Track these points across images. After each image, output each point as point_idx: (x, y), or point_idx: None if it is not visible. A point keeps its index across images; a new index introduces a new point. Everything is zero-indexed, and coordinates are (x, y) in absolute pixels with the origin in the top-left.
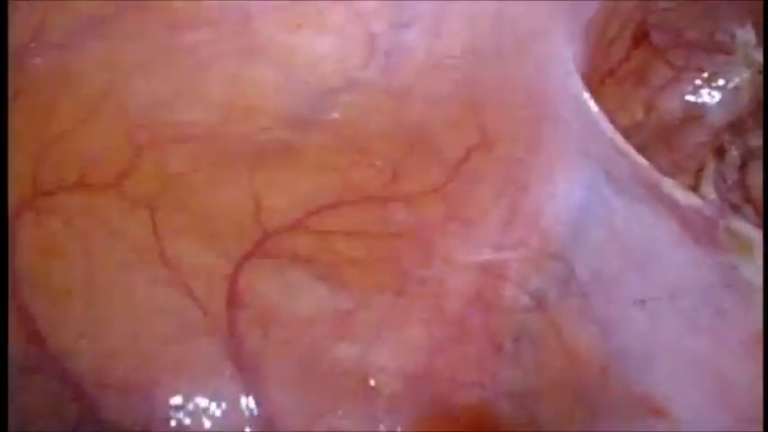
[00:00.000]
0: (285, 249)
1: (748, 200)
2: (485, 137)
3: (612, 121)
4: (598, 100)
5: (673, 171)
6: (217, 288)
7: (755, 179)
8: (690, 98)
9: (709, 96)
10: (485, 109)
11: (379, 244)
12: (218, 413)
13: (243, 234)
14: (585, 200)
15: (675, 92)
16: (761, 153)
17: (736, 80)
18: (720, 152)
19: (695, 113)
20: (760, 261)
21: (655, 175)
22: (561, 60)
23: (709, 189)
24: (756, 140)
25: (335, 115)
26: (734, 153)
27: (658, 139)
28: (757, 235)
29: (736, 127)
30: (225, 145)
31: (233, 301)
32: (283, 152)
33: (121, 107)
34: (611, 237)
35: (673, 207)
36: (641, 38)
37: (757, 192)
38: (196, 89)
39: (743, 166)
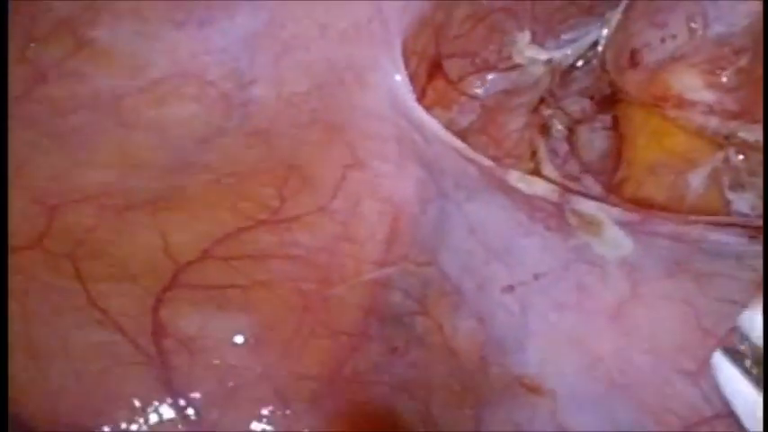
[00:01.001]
0: (198, 279)
1: (585, 169)
2: (356, 156)
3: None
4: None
5: (510, 162)
6: (142, 322)
7: (585, 145)
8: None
9: (514, 92)
10: (347, 131)
11: (282, 266)
12: None
13: (157, 270)
14: (443, 208)
15: (476, 103)
16: (581, 117)
17: (533, 77)
18: (545, 130)
19: (505, 103)
20: (608, 236)
21: (499, 171)
22: (396, 86)
23: (549, 169)
24: (572, 106)
25: (212, 157)
26: (558, 127)
27: (483, 133)
28: (600, 212)
29: (547, 102)
30: (124, 198)
31: (158, 332)
32: (177, 195)
33: (29, 180)
34: (471, 236)
35: (520, 199)
36: (435, 71)
37: (589, 155)
38: (88, 158)
39: (570, 137)
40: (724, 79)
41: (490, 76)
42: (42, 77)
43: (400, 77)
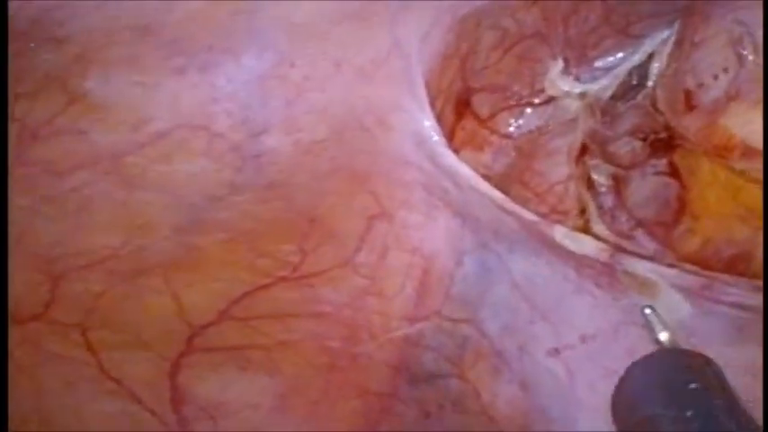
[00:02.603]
0: (216, 342)
1: (637, 223)
2: (381, 205)
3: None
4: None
5: (557, 218)
6: (160, 389)
7: (635, 193)
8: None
9: (550, 131)
10: (371, 179)
11: (305, 324)
12: None
13: (172, 335)
14: (482, 261)
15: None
16: (631, 161)
17: (569, 113)
18: (591, 184)
19: (542, 145)
20: (664, 299)
21: (544, 226)
22: (422, 128)
23: (599, 227)
24: (621, 148)
25: (226, 214)
26: (601, 181)
27: (520, 183)
28: (654, 274)
29: (590, 150)
30: (133, 261)
31: (177, 398)
32: (189, 255)
33: (31, 248)
34: (514, 291)
35: (567, 255)
36: (464, 108)
37: (640, 211)
38: (91, 222)
39: (618, 187)
40: None
41: (523, 112)
42: (34, 137)
43: (426, 119)
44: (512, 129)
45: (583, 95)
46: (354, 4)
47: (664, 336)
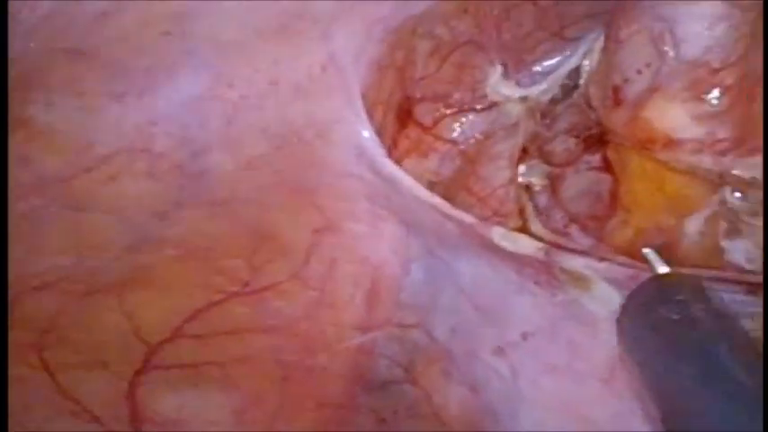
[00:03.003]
0: (172, 359)
1: (572, 219)
2: (326, 218)
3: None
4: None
5: (498, 220)
6: (118, 408)
7: (568, 194)
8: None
9: (494, 135)
10: (315, 192)
11: (259, 339)
12: None
13: (129, 353)
14: (429, 267)
15: (455, 150)
16: (566, 159)
17: (511, 117)
18: (528, 187)
19: (486, 150)
20: (597, 292)
21: (482, 228)
22: (362, 139)
23: (537, 226)
24: (557, 147)
25: (174, 231)
26: (536, 181)
27: (465, 189)
28: (588, 269)
29: (529, 151)
30: (85, 281)
31: (135, 417)
32: (141, 274)
33: None
34: (460, 295)
35: (507, 256)
36: (406, 117)
37: (574, 206)
38: (42, 244)
39: (552, 186)
40: (710, 104)
41: (466, 118)
42: None
43: (365, 130)
44: (456, 135)
45: (524, 99)
46: (281, 19)
47: (663, 269)
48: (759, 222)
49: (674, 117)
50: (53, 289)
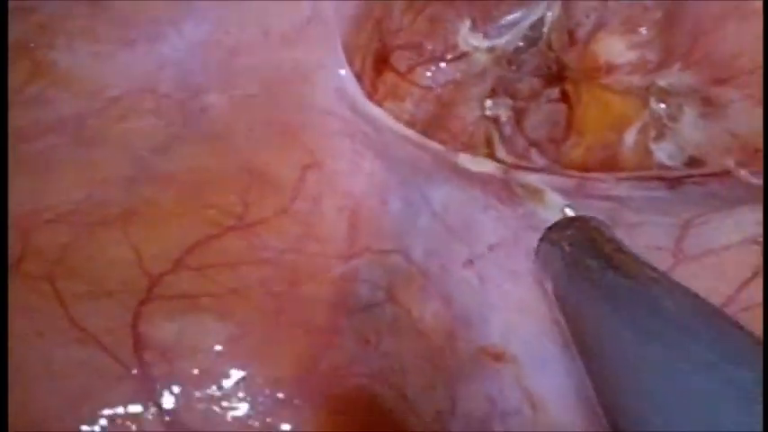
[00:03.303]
0: (173, 289)
1: (531, 144)
2: (312, 155)
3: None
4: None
5: (469, 150)
6: (122, 337)
7: (530, 123)
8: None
9: (463, 82)
10: (302, 131)
11: (253, 271)
12: None
13: (133, 284)
14: (404, 196)
15: (430, 94)
16: (529, 95)
17: (479, 65)
18: (496, 120)
19: (459, 94)
20: (550, 202)
21: (450, 154)
22: (343, 83)
23: (501, 152)
24: (521, 86)
25: (175, 165)
26: (501, 112)
27: (442, 127)
28: (539, 182)
29: (497, 91)
30: (95, 214)
31: (138, 345)
32: (145, 206)
33: (5, 208)
34: (434, 218)
35: (472, 178)
36: (383, 65)
37: (535, 133)
38: (56, 179)
39: (518, 118)
40: (642, 34)
41: (438, 67)
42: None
43: (345, 74)
44: (429, 81)
45: (491, 49)
46: None
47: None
48: (677, 125)
49: (613, 46)
50: (65, 221)
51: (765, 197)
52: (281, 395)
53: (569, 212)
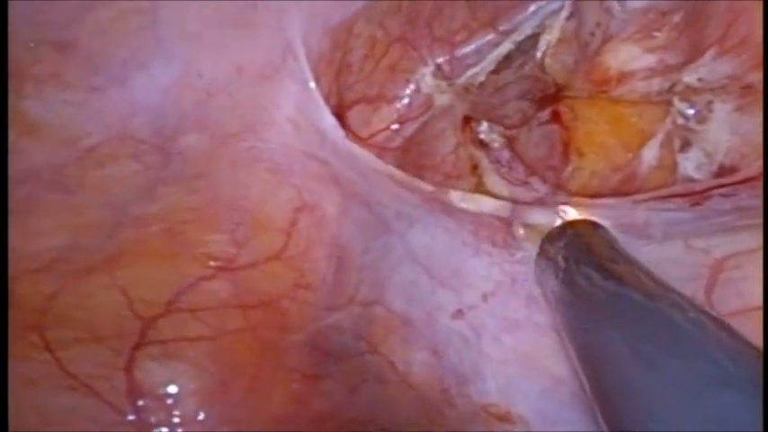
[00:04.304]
0: (168, 332)
1: (531, 171)
2: (302, 198)
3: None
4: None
5: (452, 182)
6: (115, 382)
7: (526, 147)
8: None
9: (433, 117)
10: (291, 172)
11: (246, 314)
12: None
13: (125, 328)
14: (385, 243)
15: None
16: (521, 120)
17: (446, 101)
18: (483, 145)
19: (428, 133)
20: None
21: (441, 194)
22: (324, 126)
23: (494, 180)
24: (511, 112)
25: (159, 206)
26: (494, 137)
27: (418, 160)
28: (552, 219)
29: (474, 118)
30: (80, 260)
31: (133, 391)
32: (132, 249)
33: None
34: (415, 265)
35: (464, 218)
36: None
37: (533, 159)
38: (37, 226)
39: (510, 144)
40: (661, 38)
41: (400, 107)
42: None
43: (326, 117)
44: (395, 126)
45: (452, 85)
46: (238, 7)
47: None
48: (706, 127)
49: (626, 53)
50: (50, 270)
51: (765, 197)
52: None
53: (567, 216)
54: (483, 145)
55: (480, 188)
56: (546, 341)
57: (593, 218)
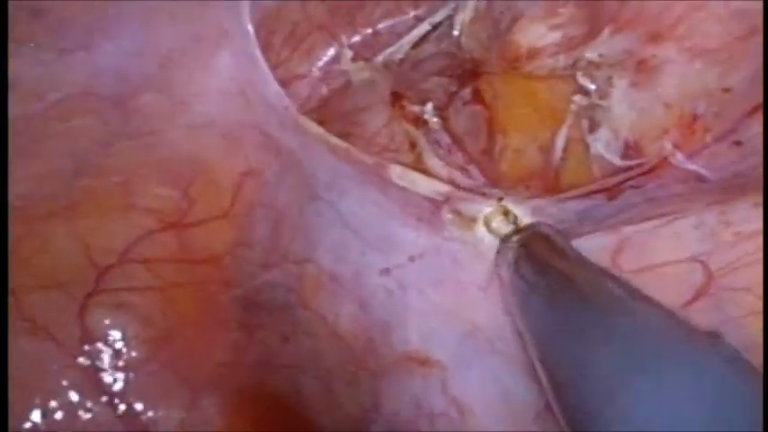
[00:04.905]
0: (121, 282)
1: (471, 159)
2: (249, 164)
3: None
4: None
5: (390, 155)
6: (70, 328)
7: (457, 129)
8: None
9: (355, 91)
10: (241, 139)
11: (193, 269)
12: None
13: (82, 275)
14: (317, 210)
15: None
16: (445, 97)
17: (366, 76)
18: (420, 122)
19: (358, 104)
20: (478, 233)
21: (381, 168)
22: (271, 98)
23: (434, 161)
24: (433, 89)
25: (117, 160)
26: (433, 118)
27: (349, 136)
28: (481, 208)
29: (406, 95)
30: (44, 206)
31: (85, 337)
32: (90, 199)
33: None
34: (345, 229)
35: (393, 193)
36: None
37: (473, 144)
38: (9, 173)
39: (447, 125)
40: (564, 15)
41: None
42: None
43: (275, 90)
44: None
45: (373, 64)
46: None
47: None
48: (608, 103)
49: (534, 31)
50: (18, 214)
51: (765, 197)
52: (210, 382)
53: (519, 220)
54: (420, 123)
55: (419, 166)
56: (468, 295)
57: (530, 213)
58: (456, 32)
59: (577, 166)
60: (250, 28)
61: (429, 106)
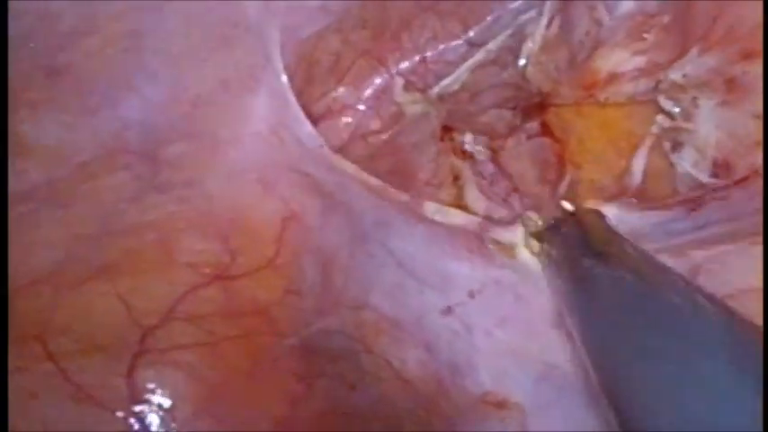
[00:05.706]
0: (167, 340)
1: (514, 188)
2: (290, 208)
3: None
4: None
5: (431, 190)
6: (117, 391)
7: (512, 164)
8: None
9: (406, 128)
10: (278, 183)
11: (242, 320)
12: None
13: (125, 337)
14: (369, 251)
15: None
16: (507, 130)
17: (420, 109)
18: (466, 155)
19: (410, 141)
20: (522, 258)
21: (415, 204)
22: (306, 137)
23: (474, 194)
24: (494, 121)
25: (152, 215)
26: (479, 149)
27: (397, 169)
28: (517, 236)
29: (455, 127)
30: (78, 271)
31: (134, 398)
32: (128, 258)
33: None
34: (399, 269)
35: (439, 228)
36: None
37: (518, 176)
38: (33, 240)
39: (495, 156)
40: (650, 40)
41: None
42: None
43: (308, 129)
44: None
45: (425, 94)
46: (221, 28)
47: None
48: (692, 126)
49: (617, 56)
50: (48, 282)
51: (765, 197)
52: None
53: (567, 206)
54: (467, 156)
55: (459, 200)
56: (537, 333)
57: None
58: (522, 62)
59: (662, 186)
60: (280, 65)
61: (469, 136)
